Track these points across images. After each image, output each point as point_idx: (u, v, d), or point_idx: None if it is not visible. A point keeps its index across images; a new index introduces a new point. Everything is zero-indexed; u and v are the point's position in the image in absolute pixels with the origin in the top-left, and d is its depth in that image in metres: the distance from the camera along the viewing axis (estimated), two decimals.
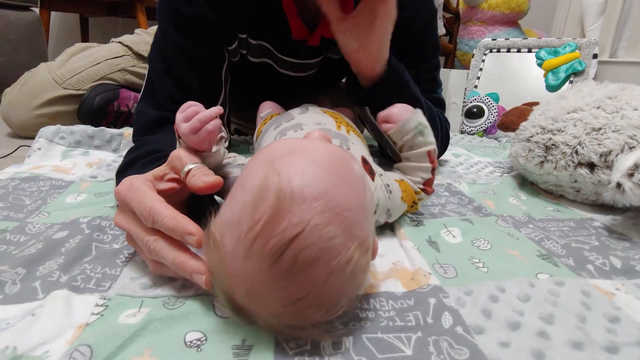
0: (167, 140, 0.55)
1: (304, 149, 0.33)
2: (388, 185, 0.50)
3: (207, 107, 0.58)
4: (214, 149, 0.43)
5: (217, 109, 0.42)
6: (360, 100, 0.67)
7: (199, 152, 0.42)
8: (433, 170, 0.54)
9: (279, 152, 0.32)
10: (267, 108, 0.74)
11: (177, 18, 0.62)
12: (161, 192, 0.38)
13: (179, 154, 0.40)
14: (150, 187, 0.38)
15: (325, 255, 0.28)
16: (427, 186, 0.54)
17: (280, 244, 0.27)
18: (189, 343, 0.31)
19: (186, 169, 0.39)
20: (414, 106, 0.67)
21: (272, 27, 0.67)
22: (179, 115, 0.42)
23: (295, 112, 0.60)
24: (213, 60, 0.66)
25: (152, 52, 0.68)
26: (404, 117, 0.52)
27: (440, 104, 0.80)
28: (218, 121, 0.42)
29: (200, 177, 0.38)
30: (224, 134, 0.46)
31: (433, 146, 0.53)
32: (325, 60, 0.75)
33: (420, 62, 0.74)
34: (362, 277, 0.32)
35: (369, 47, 0.59)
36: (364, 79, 0.65)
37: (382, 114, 0.54)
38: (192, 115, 0.41)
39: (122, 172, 0.52)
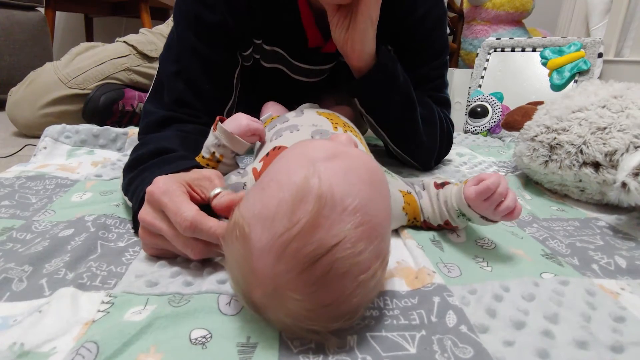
0: (174, 139, 0.56)
1: (342, 155, 0.33)
2: None
3: (217, 111, 0.67)
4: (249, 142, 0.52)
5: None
6: (350, 91, 0.68)
7: (236, 138, 0.50)
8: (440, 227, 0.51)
9: (318, 153, 0.32)
10: (268, 109, 0.74)
11: (196, 23, 0.62)
12: None
13: (211, 176, 0.43)
14: (185, 193, 0.40)
15: (355, 268, 0.29)
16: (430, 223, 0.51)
17: (316, 251, 0.28)
18: (194, 340, 0.31)
19: (213, 193, 0.41)
20: (404, 102, 0.68)
21: (287, 34, 0.68)
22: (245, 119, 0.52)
23: (290, 115, 0.61)
24: (227, 66, 0.67)
25: (164, 53, 0.68)
26: (475, 203, 0.44)
27: (446, 104, 0.81)
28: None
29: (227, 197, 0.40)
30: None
31: (454, 224, 0.49)
32: (336, 64, 0.76)
33: (429, 61, 0.74)
34: (379, 288, 0.34)
35: (353, 40, 0.61)
36: (354, 71, 0.66)
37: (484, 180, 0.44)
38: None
39: (130, 169, 0.52)
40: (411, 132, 0.71)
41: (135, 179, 0.50)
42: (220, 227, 0.37)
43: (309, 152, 0.33)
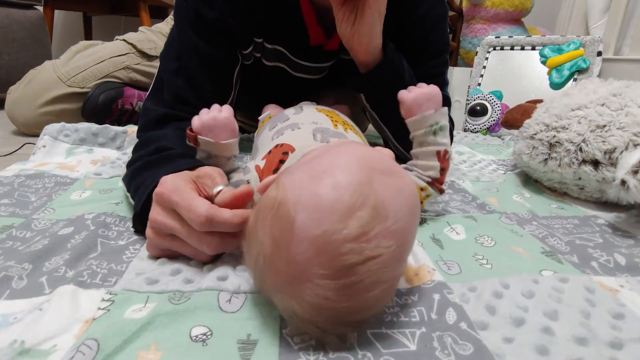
0: (174, 138, 0.56)
1: (397, 174, 0.33)
2: None
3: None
4: (232, 139, 0.48)
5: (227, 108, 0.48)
6: (355, 86, 0.68)
7: (219, 143, 0.47)
8: (443, 171, 0.52)
9: (377, 164, 0.32)
10: (268, 110, 0.74)
11: (196, 20, 0.62)
12: None
13: (212, 173, 0.42)
14: (194, 189, 0.40)
15: (381, 284, 0.30)
16: (436, 182, 0.52)
17: (355, 259, 0.28)
18: (194, 338, 0.31)
19: (216, 190, 0.41)
20: None
21: (289, 33, 0.68)
22: (197, 119, 0.47)
23: (289, 112, 0.60)
24: (227, 64, 0.67)
25: (165, 50, 0.68)
26: (419, 109, 0.51)
27: (447, 103, 0.81)
28: (230, 109, 0.48)
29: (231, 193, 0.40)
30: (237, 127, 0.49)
31: (444, 147, 0.51)
32: (336, 62, 0.76)
33: (430, 59, 0.74)
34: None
35: (360, 35, 0.60)
36: (360, 66, 0.66)
37: (400, 94, 0.53)
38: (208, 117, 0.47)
39: (131, 168, 0.52)
40: None
41: (136, 177, 0.50)
42: (236, 217, 0.37)
43: (369, 158, 0.33)
